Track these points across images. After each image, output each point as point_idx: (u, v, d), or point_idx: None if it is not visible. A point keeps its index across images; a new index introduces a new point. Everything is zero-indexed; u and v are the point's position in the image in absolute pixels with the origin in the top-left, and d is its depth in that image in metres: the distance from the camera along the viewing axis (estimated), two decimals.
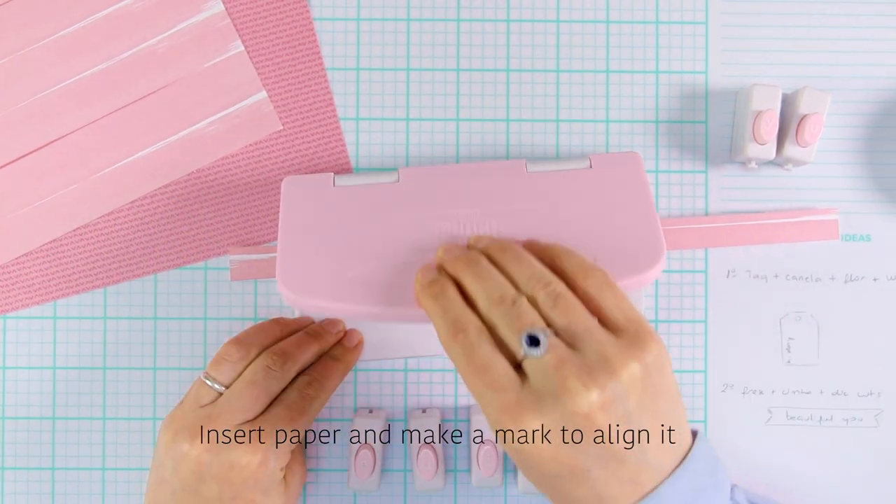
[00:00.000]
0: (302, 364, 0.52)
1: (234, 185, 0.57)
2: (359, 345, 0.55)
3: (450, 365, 0.57)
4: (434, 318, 0.45)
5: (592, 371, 0.40)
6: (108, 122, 0.57)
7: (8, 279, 0.57)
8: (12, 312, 0.57)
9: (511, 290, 0.44)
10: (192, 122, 0.57)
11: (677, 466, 0.42)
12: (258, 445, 0.49)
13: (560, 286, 0.44)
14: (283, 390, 0.52)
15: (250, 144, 0.57)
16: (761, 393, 0.57)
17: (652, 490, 0.41)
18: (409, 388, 0.57)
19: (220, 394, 0.51)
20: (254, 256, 0.57)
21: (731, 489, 0.46)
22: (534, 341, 0.41)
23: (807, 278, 0.58)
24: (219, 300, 0.57)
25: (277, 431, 0.49)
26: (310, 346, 0.53)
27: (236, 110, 0.57)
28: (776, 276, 0.58)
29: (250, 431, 0.49)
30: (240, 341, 0.52)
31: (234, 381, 0.51)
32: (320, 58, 0.57)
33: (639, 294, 0.56)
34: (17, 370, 0.57)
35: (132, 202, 0.57)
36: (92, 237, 0.57)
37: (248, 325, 0.57)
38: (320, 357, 0.54)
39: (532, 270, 0.44)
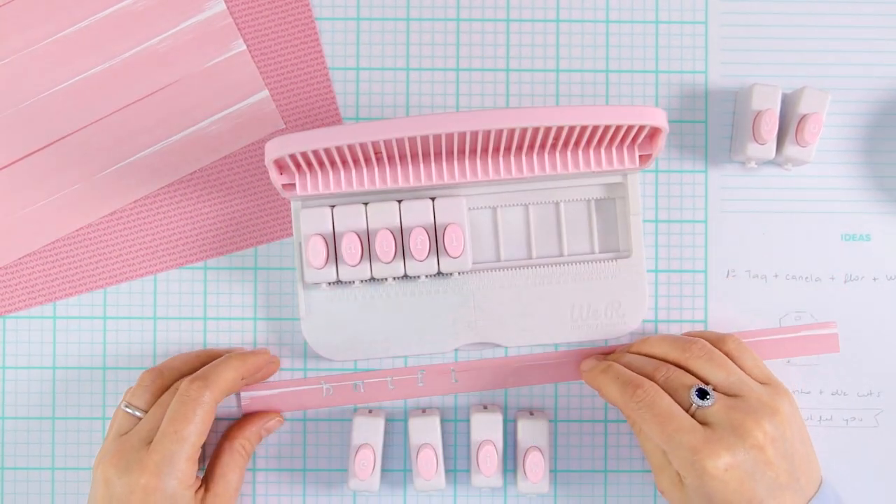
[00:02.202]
0: (222, 392, 0.52)
1: (236, 184, 0.57)
2: (263, 352, 0.56)
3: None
4: (607, 385, 0.52)
5: (757, 412, 0.49)
6: (110, 121, 0.57)
7: (10, 280, 0.57)
8: (13, 313, 0.57)
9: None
10: (193, 122, 0.57)
11: (812, 497, 0.50)
12: (148, 468, 0.48)
13: (710, 347, 0.52)
14: None
15: (252, 143, 0.57)
16: None
17: None
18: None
19: (139, 419, 0.52)
20: (264, 392, 0.57)
21: None
22: (702, 394, 0.49)
23: (807, 278, 0.58)
24: (219, 300, 0.57)
25: (166, 449, 0.49)
26: (229, 364, 0.52)
27: (238, 109, 0.57)
28: (776, 276, 0.58)
29: (142, 454, 0.49)
30: (154, 368, 0.54)
31: (150, 405, 0.52)
32: (322, 57, 0.58)
33: (642, 294, 0.56)
34: (17, 370, 0.57)
35: (133, 202, 0.57)
36: (93, 237, 0.57)
37: (248, 324, 0.57)
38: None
39: (683, 345, 0.52)
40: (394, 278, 0.54)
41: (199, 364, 0.54)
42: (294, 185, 0.52)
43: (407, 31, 0.58)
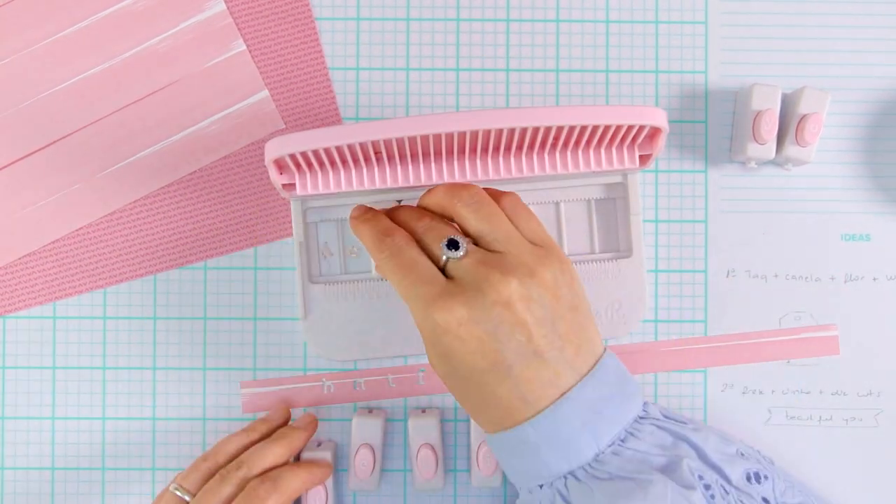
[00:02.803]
0: (261, 466, 0.51)
1: (236, 184, 0.57)
2: (328, 466, 0.55)
3: None
4: (363, 234, 0.48)
5: (512, 267, 0.44)
6: (110, 121, 0.57)
7: (10, 280, 0.57)
8: (13, 313, 0.57)
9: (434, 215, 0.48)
10: (193, 122, 0.57)
11: (586, 374, 0.45)
12: None
13: (483, 196, 0.47)
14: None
15: (252, 143, 0.57)
16: (761, 393, 0.57)
17: (567, 391, 0.44)
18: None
19: (187, 502, 0.50)
20: (264, 389, 0.57)
21: (645, 404, 0.47)
22: (452, 244, 0.45)
23: (807, 278, 0.58)
24: (219, 300, 0.57)
25: None
26: (272, 448, 0.52)
27: (238, 109, 0.57)
28: (776, 275, 0.58)
29: None
30: (208, 453, 0.52)
31: (199, 489, 0.51)
32: (322, 57, 0.58)
33: (642, 294, 0.56)
34: (17, 370, 0.57)
35: (133, 202, 0.57)
36: (93, 237, 0.57)
37: (248, 324, 0.57)
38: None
39: (455, 191, 0.48)
40: None
41: (250, 444, 0.53)
42: (294, 184, 0.52)
43: (407, 31, 0.58)
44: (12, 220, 0.57)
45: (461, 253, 0.45)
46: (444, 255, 0.45)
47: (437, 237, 0.46)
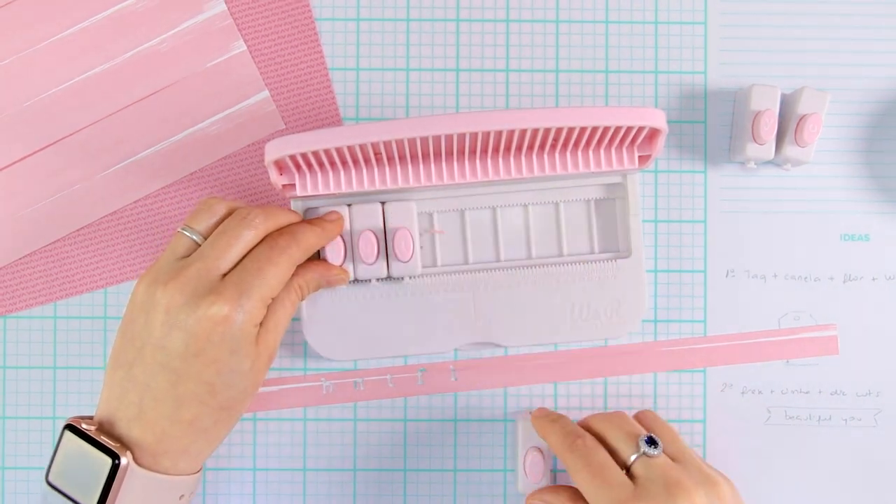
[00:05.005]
0: (280, 223, 0.50)
1: (236, 184, 0.57)
2: (338, 219, 0.54)
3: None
4: (551, 433, 0.51)
5: (696, 479, 0.47)
6: (111, 122, 0.57)
7: (10, 280, 0.57)
8: (13, 313, 0.57)
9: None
10: (194, 122, 0.57)
11: None
12: (223, 297, 0.46)
13: (657, 415, 0.54)
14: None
15: (252, 143, 0.57)
16: (760, 392, 0.57)
17: None
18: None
19: (198, 245, 0.49)
20: (264, 389, 0.58)
21: None
22: (652, 442, 0.48)
23: (806, 278, 0.58)
24: None
25: (246, 284, 0.47)
26: (288, 214, 0.51)
27: (238, 110, 0.57)
28: (775, 276, 0.58)
29: (217, 283, 0.47)
30: (222, 198, 0.51)
31: (211, 231, 0.49)
32: (322, 57, 0.58)
33: (642, 294, 0.56)
34: (17, 370, 0.57)
35: (134, 202, 0.57)
36: (93, 237, 0.57)
37: None
38: None
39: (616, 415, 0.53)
40: (410, 277, 0.55)
41: (277, 212, 0.52)
42: (294, 185, 0.52)
43: (407, 32, 0.58)
44: (13, 220, 0.57)
45: (659, 451, 0.48)
46: (642, 450, 0.48)
47: (630, 434, 0.49)
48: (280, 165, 0.51)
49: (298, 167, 0.51)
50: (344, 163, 0.51)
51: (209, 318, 0.46)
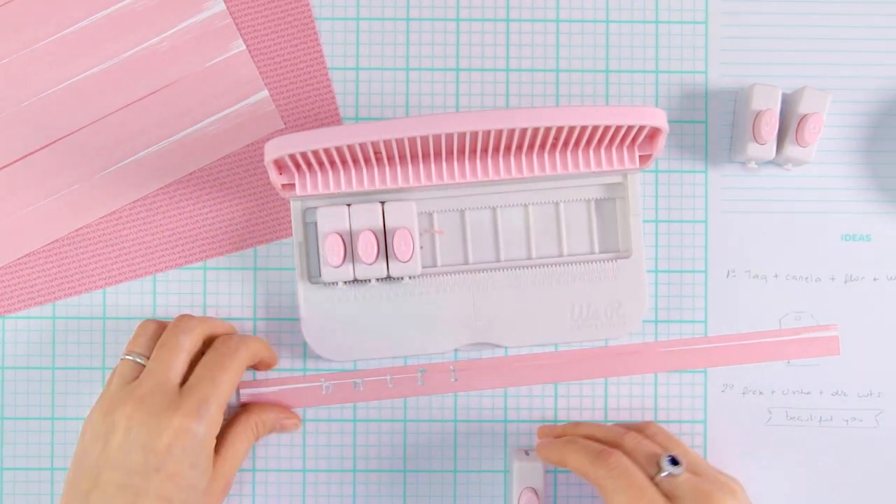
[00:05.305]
0: (215, 327, 0.53)
1: (236, 184, 0.57)
2: (273, 357, 0.56)
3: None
4: (575, 455, 0.51)
5: (721, 488, 0.48)
6: (110, 121, 0.57)
7: (10, 280, 0.57)
8: (13, 313, 0.57)
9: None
10: (193, 122, 0.57)
11: None
12: (182, 410, 0.48)
13: (661, 427, 0.55)
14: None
15: (251, 143, 0.57)
16: (761, 393, 0.57)
17: None
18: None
19: (143, 367, 0.51)
20: (264, 389, 0.57)
21: None
22: (674, 461, 0.49)
23: (807, 278, 0.58)
24: (218, 300, 0.57)
25: (202, 393, 0.49)
26: (220, 322, 0.54)
27: (238, 109, 0.57)
28: (776, 276, 0.58)
29: (172, 396, 0.48)
30: (153, 319, 0.53)
31: (152, 350, 0.51)
32: (322, 57, 0.58)
33: (642, 294, 0.56)
34: (16, 370, 0.57)
35: (133, 202, 0.57)
36: (92, 238, 0.57)
37: (248, 324, 0.57)
38: None
39: (626, 427, 0.54)
40: (410, 277, 0.54)
41: (209, 319, 0.54)
42: (294, 185, 0.52)
43: (407, 31, 0.58)
44: (12, 220, 0.57)
45: (682, 469, 0.48)
46: (666, 471, 0.48)
47: (649, 454, 0.50)
48: (280, 165, 0.51)
49: (298, 167, 0.51)
50: (344, 162, 0.51)
51: (170, 429, 0.47)
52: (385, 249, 0.54)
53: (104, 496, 0.47)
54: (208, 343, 0.53)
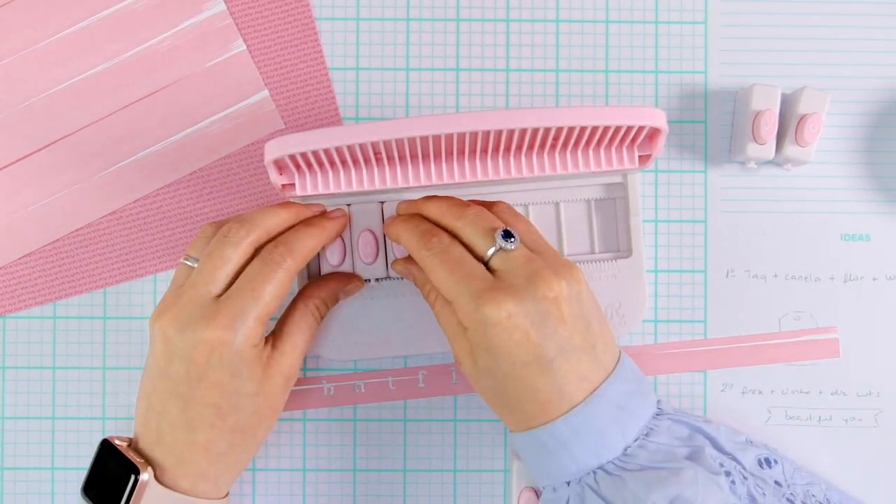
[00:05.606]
0: (268, 231, 0.50)
1: (236, 184, 0.57)
2: (342, 217, 0.54)
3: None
4: (405, 235, 0.49)
5: (557, 268, 0.46)
6: (110, 121, 0.57)
7: (10, 280, 0.57)
8: (13, 313, 0.57)
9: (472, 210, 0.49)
10: (193, 122, 0.57)
11: (612, 371, 0.47)
12: (216, 321, 0.47)
13: (502, 204, 0.51)
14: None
15: (252, 143, 0.57)
16: (761, 393, 0.57)
17: (598, 387, 0.46)
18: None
19: None
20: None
21: (658, 401, 0.50)
22: (507, 235, 0.47)
23: (806, 278, 0.58)
24: None
25: (239, 306, 0.47)
26: (279, 213, 0.51)
27: (238, 109, 0.57)
28: (776, 276, 0.58)
29: (209, 307, 0.47)
30: (219, 220, 0.51)
31: None
32: (322, 57, 0.58)
33: (642, 294, 0.56)
34: (16, 370, 0.57)
35: (133, 202, 0.57)
36: (93, 237, 0.57)
37: None
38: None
39: (460, 203, 0.50)
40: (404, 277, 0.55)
41: (262, 219, 0.51)
42: (294, 185, 0.52)
43: (407, 31, 0.58)
44: (12, 220, 0.57)
45: (516, 244, 0.47)
46: (499, 244, 0.47)
47: (486, 228, 0.47)
48: (280, 165, 0.51)
49: (298, 167, 0.51)
50: (343, 162, 0.51)
51: (204, 342, 0.47)
52: (385, 249, 0.54)
53: (160, 399, 0.48)
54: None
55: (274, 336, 0.51)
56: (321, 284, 0.53)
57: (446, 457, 0.58)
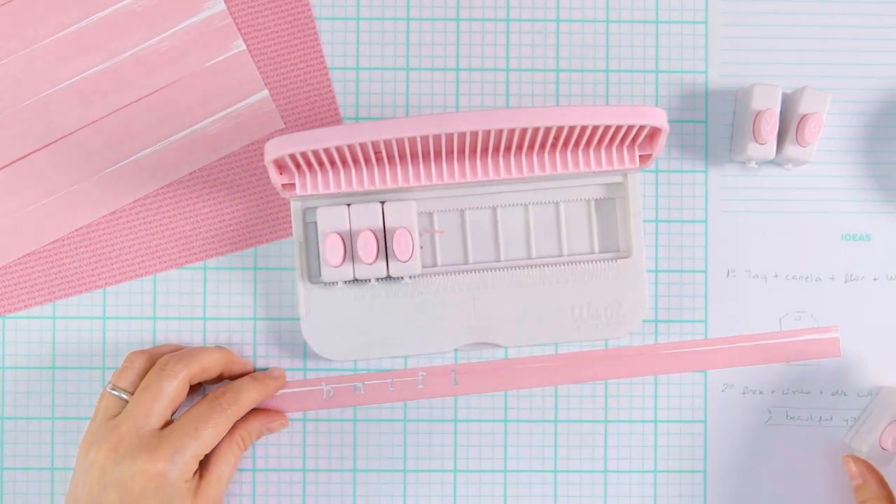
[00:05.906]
0: (203, 368, 0.53)
1: (236, 184, 0.57)
2: (281, 377, 0.56)
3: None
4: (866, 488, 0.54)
5: None
6: (110, 121, 0.57)
7: (10, 280, 0.57)
8: (13, 313, 0.57)
9: None
10: (193, 122, 0.57)
11: None
12: (157, 454, 0.49)
13: None
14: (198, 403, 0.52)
15: (252, 143, 0.57)
16: (761, 393, 0.57)
17: None
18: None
19: (126, 402, 0.51)
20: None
21: None
22: None
23: (807, 278, 0.58)
24: (218, 300, 0.57)
25: (181, 442, 0.49)
26: (212, 353, 0.54)
27: (238, 109, 0.57)
28: (776, 276, 0.58)
29: (149, 440, 0.49)
30: (142, 350, 0.54)
31: (136, 386, 0.52)
32: (322, 56, 0.58)
33: (642, 294, 0.56)
34: (16, 370, 0.57)
35: (133, 202, 0.57)
36: (93, 237, 0.57)
37: (248, 324, 0.57)
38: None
39: None
40: (410, 277, 0.55)
41: (198, 355, 0.54)
42: (294, 184, 0.52)
43: (407, 31, 0.58)
44: (12, 220, 0.57)
45: None
46: None
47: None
48: (280, 165, 0.51)
49: (298, 166, 0.51)
50: (344, 162, 0.51)
51: (142, 473, 0.48)
52: (385, 249, 0.54)
53: None
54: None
55: (201, 466, 0.52)
56: (248, 418, 0.55)
57: (446, 457, 0.58)
